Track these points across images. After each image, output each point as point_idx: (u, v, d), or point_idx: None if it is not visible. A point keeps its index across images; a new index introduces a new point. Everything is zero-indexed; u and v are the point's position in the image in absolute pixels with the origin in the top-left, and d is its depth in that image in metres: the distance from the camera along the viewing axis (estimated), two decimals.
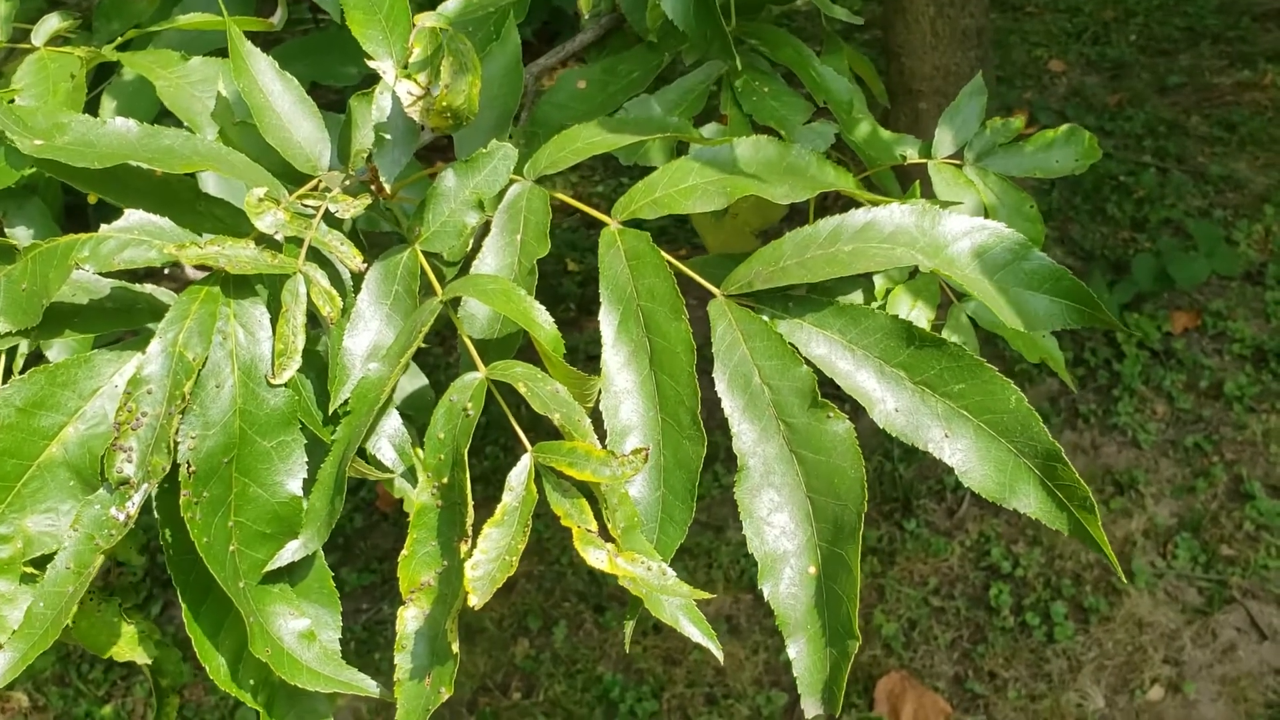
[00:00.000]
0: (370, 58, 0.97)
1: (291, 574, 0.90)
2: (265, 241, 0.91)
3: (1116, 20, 4.84)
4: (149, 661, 1.05)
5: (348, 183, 1.01)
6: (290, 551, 0.88)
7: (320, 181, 1.01)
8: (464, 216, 0.96)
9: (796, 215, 1.10)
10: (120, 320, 0.92)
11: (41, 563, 0.90)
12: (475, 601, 0.80)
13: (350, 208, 0.94)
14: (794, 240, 0.94)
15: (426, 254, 0.96)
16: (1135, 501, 3.05)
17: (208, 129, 1.13)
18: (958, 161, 1.24)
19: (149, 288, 0.94)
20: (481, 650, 2.97)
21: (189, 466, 0.84)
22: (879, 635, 2.86)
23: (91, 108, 1.31)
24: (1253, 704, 2.63)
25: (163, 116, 1.24)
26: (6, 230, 1.28)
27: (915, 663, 2.82)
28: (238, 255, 0.86)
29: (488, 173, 0.96)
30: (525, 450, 0.84)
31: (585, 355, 3.21)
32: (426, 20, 0.89)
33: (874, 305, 0.99)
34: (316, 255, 0.93)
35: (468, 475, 0.84)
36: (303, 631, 0.89)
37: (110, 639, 1.02)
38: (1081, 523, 0.87)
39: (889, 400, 0.90)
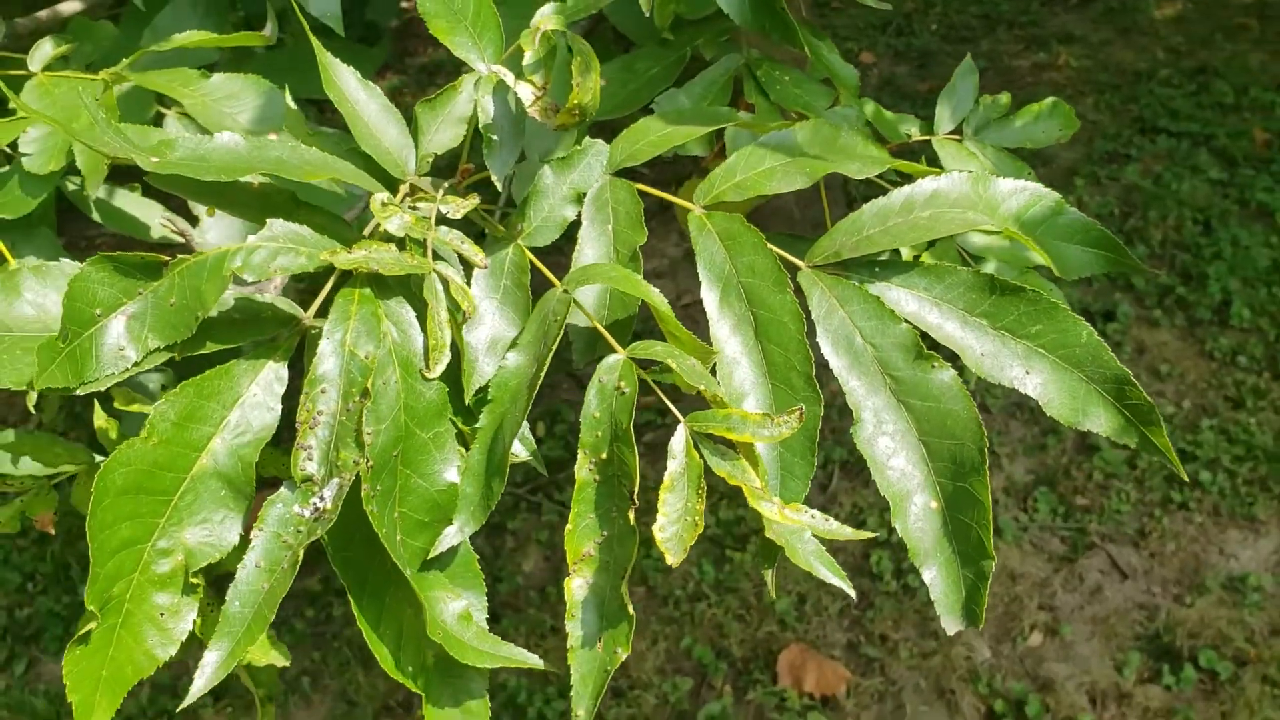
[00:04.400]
0: (464, 61, 1.00)
1: (441, 560, 0.92)
2: (390, 242, 0.93)
3: (918, 11, 5.10)
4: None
5: (433, 185, 1.03)
6: (451, 536, 0.90)
7: (410, 185, 1.03)
8: (563, 211, 1.00)
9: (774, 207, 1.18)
10: (251, 330, 0.92)
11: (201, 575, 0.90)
12: (672, 560, 0.85)
13: (461, 208, 0.97)
14: (872, 211, 1.02)
15: (530, 249, 1.00)
16: (993, 462, 3.23)
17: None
18: (958, 137, 1.34)
19: (268, 297, 0.95)
20: (378, 671, 2.93)
21: (367, 461, 0.86)
22: (773, 611, 2.95)
23: None
24: (1123, 638, 2.82)
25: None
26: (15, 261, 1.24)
27: (810, 634, 2.90)
28: (384, 259, 0.88)
29: (582, 168, 1.00)
30: (679, 421, 0.89)
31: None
32: (547, 24, 0.93)
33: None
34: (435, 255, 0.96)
35: (634, 448, 0.88)
36: (461, 613, 0.91)
37: None
38: (1149, 436, 0.97)
39: (975, 346, 0.98)
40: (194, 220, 1.31)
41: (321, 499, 0.83)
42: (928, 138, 1.33)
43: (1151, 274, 3.57)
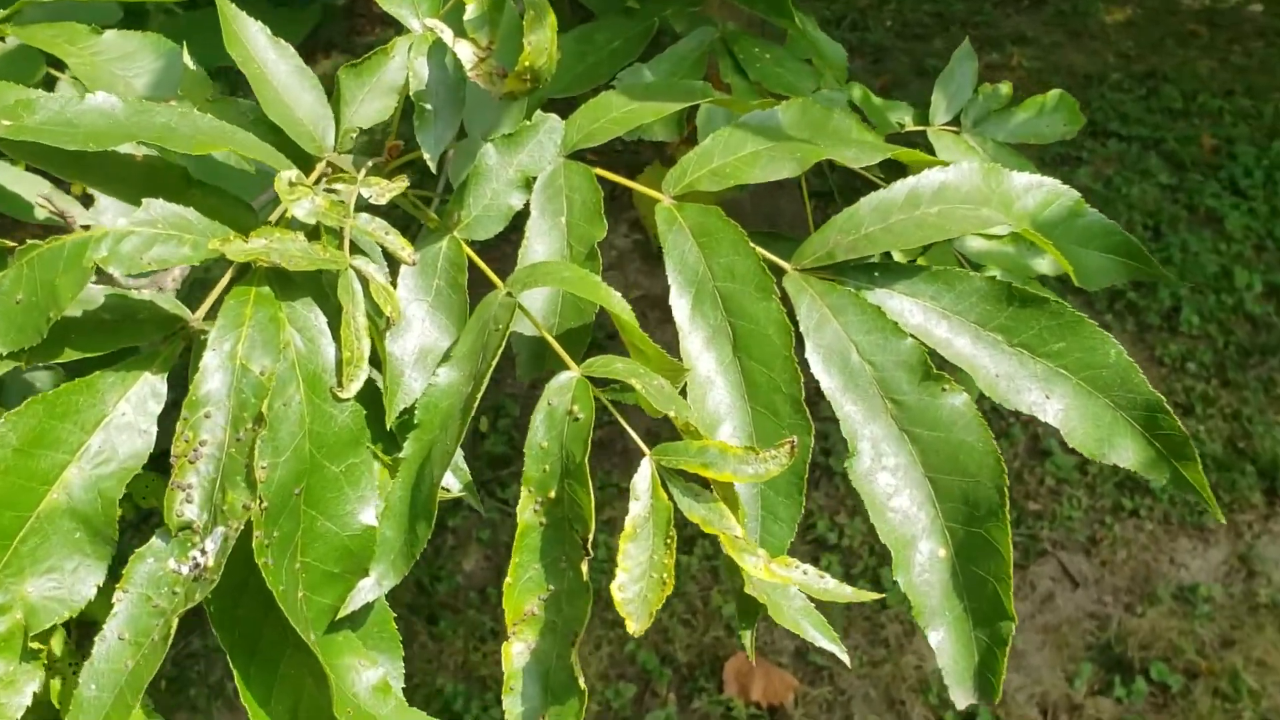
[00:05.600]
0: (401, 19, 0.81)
1: (354, 618, 0.74)
2: (299, 231, 0.75)
3: (872, 7, 4.95)
4: None
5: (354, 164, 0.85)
6: (366, 590, 0.72)
7: (326, 163, 0.84)
8: (508, 198, 0.82)
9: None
10: (124, 334, 0.73)
11: (45, 637, 0.72)
12: (634, 628, 0.67)
13: (386, 192, 0.78)
14: (870, 205, 0.84)
15: (469, 242, 0.82)
16: None
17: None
18: (955, 128, 1.17)
19: (147, 294, 0.76)
20: None
21: (260, 503, 0.67)
22: (719, 616, 2.79)
23: None
24: (1074, 648, 2.70)
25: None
26: None
27: (758, 640, 2.77)
28: (289, 250, 0.69)
29: (532, 148, 0.82)
30: (644, 455, 0.72)
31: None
32: None
33: None
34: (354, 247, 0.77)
35: (590, 486, 0.70)
36: (377, 684, 0.73)
37: None
38: (1182, 472, 0.81)
39: (989, 366, 0.82)
40: (90, 200, 1.10)
41: (203, 552, 0.64)
42: (922, 128, 1.16)
43: (1176, 284, 3.45)
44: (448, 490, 0.78)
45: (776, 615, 0.75)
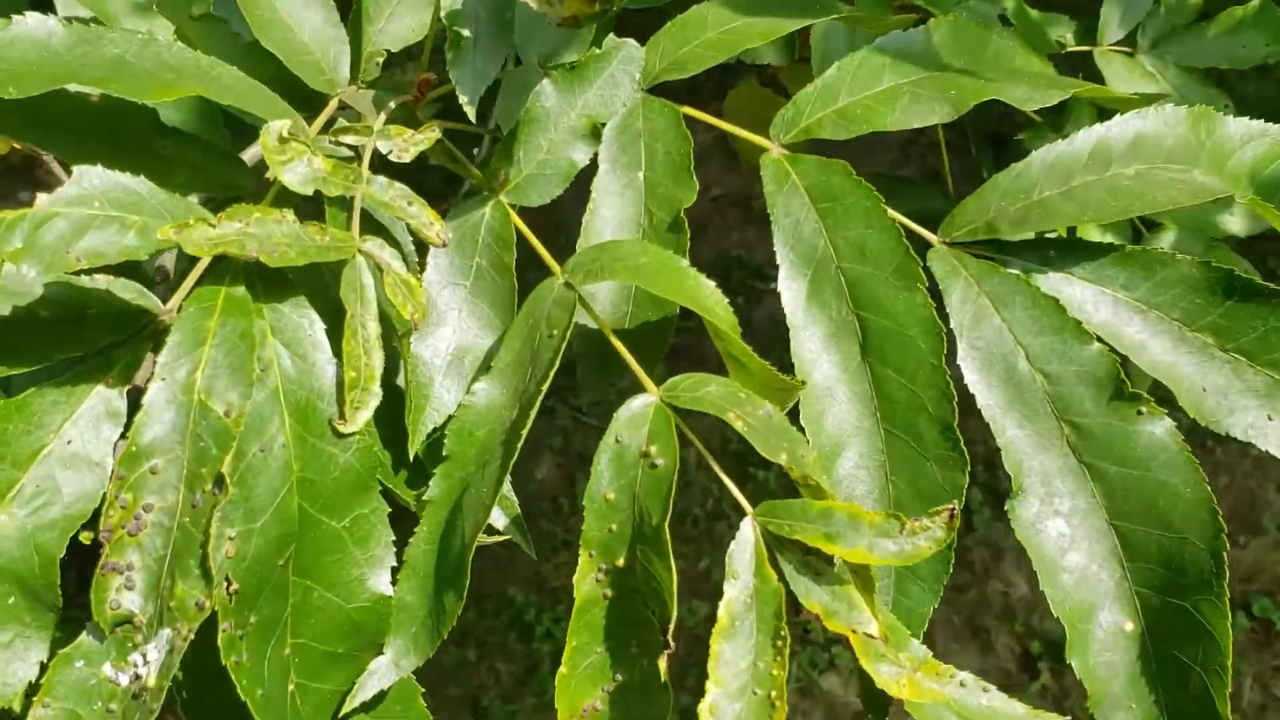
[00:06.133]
0: None
1: (367, 708, 0.57)
2: (288, 201, 0.56)
3: None
4: None
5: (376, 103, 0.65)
6: (379, 675, 0.55)
7: (339, 101, 0.65)
8: (569, 151, 0.62)
9: None
10: (69, 339, 0.55)
11: None
12: None
13: (410, 145, 0.59)
14: (1044, 162, 0.63)
15: (517, 208, 0.62)
16: None
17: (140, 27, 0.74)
18: (1128, 49, 0.93)
19: (102, 281, 0.58)
20: None
21: (228, 585, 0.50)
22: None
23: None
24: None
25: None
26: None
27: None
28: (272, 236, 0.50)
29: (602, 84, 0.62)
30: (746, 513, 0.53)
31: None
32: None
33: None
34: (368, 222, 0.58)
35: (670, 556, 0.52)
36: None
37: None
38: None
39: (1195, 378, 0.61)
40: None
41: (144, 659, 0.47)
42: (1087, 48, 0.92)
43: None
44: (488, 532, 0.60)
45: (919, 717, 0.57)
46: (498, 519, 0.61)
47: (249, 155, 0.64)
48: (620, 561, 0.53)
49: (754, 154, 0.66)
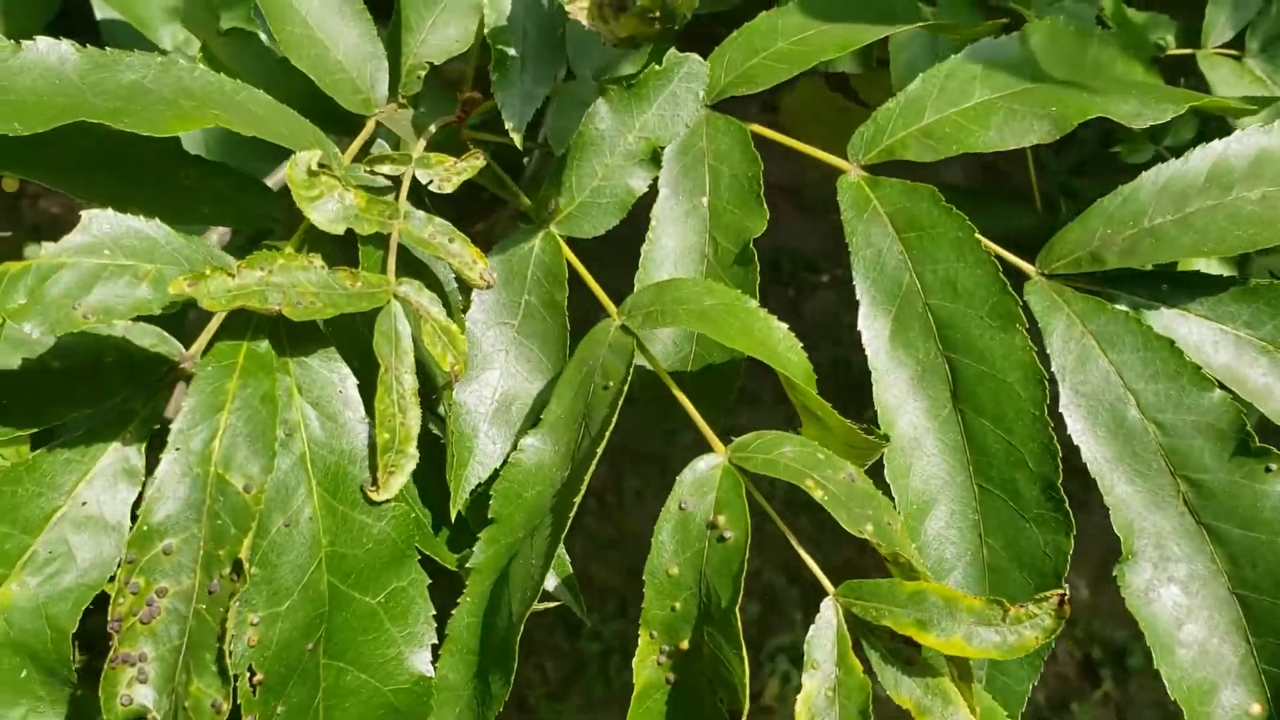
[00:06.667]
0: None
1: None
2: (319, 241, 0.50)
3: None
4: None
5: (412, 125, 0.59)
6: None
7: (375, 123, 0.59)
8: (626, 177, 0.56)
9: None
10: (83, 393, 0.50)
11: None
12: None
13: (453, 174, 0.53)
14: (1155, 185, 0.56)
15: (568, 239, 0.56)
16: None
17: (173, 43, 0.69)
18: (1236, 52, 0.85)
19: (119, 326, 0.53)
20: None
21: (252, 675, 0.44)
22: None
23: None
24: None
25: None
26: None
27: None
28: (298, 285, 0.45)
29: (663, 103, 0.56)
30: (828, 593, 0.46)
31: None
32: None
33: None
34: (406, 260, 0.52)
35: (741, 640, 0.46)
36: None
37: None
38: None
39: None
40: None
41: None
42: (1189, 50, 0.84)
43: None
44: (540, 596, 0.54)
45: None
46: (548, 580, 0.55)
47: (280, 179, 0.58)
48: (685, 644, 0.47)
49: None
